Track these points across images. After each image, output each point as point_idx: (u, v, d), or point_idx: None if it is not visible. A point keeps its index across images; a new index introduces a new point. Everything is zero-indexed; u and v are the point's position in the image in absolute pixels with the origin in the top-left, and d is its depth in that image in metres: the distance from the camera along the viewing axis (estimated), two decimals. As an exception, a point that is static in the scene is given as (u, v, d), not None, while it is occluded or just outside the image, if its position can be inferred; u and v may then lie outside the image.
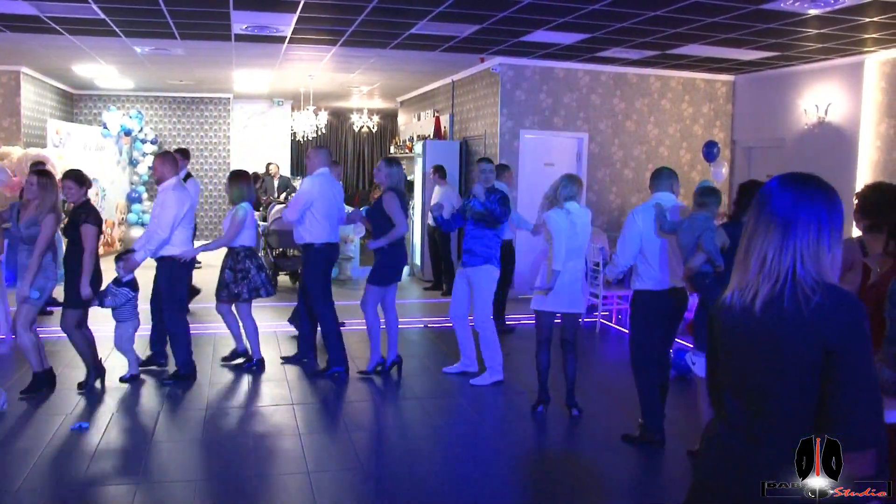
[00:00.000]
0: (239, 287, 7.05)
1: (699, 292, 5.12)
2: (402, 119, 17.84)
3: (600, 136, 11.70)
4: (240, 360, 7.40)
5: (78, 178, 6.27)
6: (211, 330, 8.51)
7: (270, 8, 8.15)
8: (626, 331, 8.42)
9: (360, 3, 7.81)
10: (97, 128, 15.31)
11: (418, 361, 7.57)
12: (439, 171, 11.27)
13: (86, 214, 6.17)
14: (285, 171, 16.96)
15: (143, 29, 9.35)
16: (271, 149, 17.90)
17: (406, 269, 13.03)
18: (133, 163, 15.94)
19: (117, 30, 9.29)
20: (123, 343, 6.67)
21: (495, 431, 5.89)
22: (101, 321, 7.33)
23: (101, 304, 6.45)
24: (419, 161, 12.83)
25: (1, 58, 11.99)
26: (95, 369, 6.48)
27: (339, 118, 21.49)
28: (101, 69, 13.01)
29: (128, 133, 15.49)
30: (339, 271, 11.91)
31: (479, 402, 6.44)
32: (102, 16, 8.45)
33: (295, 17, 8.47)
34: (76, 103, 16.48)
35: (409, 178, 14.12)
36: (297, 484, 4.73)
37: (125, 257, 6.57)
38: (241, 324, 7.31)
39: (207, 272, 11.10)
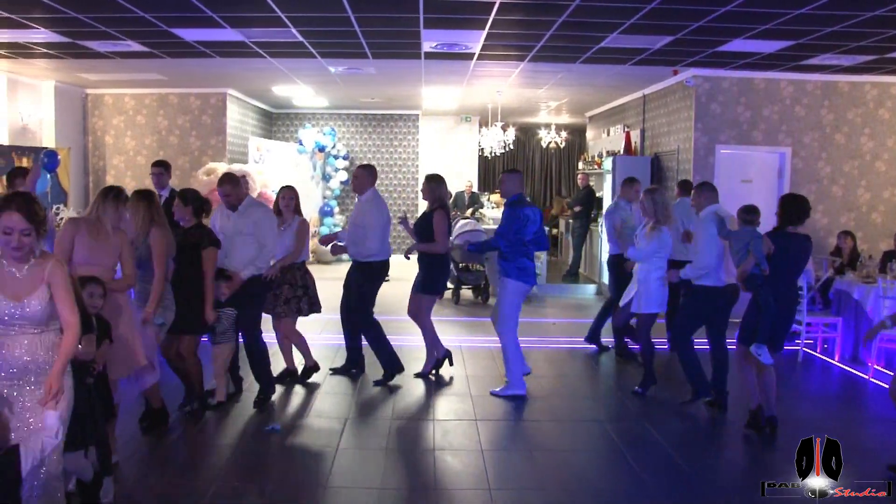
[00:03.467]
0: (302, 302, 6.97)
1: (751, 291, 5.89)
2: (590, 134, 17.52)
3: (805, 151, 10.88)
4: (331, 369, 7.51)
5: (184, 198, 6.05)
6: (397, 342, 8.61)
7: (460, 25, 8.17)
8: (829, 360, 7.76)
9: (549, 18, 7.67)
10: (293, 144, 16.13)
11: (602, 383, 7.29)
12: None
13: (207, 237, 5.93)
14: (468, 186, 17.07)
15: (337, 50, 9.67)
16: (459, 164, 18.12)
17: (593, 288, 12.72)
18: (326, 178, 16.62)
19: (314, 51, 9.67)
20: (223, 365, 6.40)
21: (689, 455, 5.51)
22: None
23: (213, 328, 6.17)
24: (608, 177, 12.49)
25: (211, 81, 12.87)
26: (199, 396, 6.15)
27: (527, 134, 21.44)
28: (297, 89, 13.66)
29: (321, 149, 16.18)
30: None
31: (665, 423, 6.07)
32: (301, 39, 8.81)
33: (484, 34, 8.45)
34: (275, 121, 17.43)
35: (598, 194, 13.85)
36: (478, 501, 4.68)
37: (231, 273, 6.19)
38: (293, 339, 7.18)
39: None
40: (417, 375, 7.40)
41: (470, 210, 14.47)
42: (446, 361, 7.54)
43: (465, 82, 12.48)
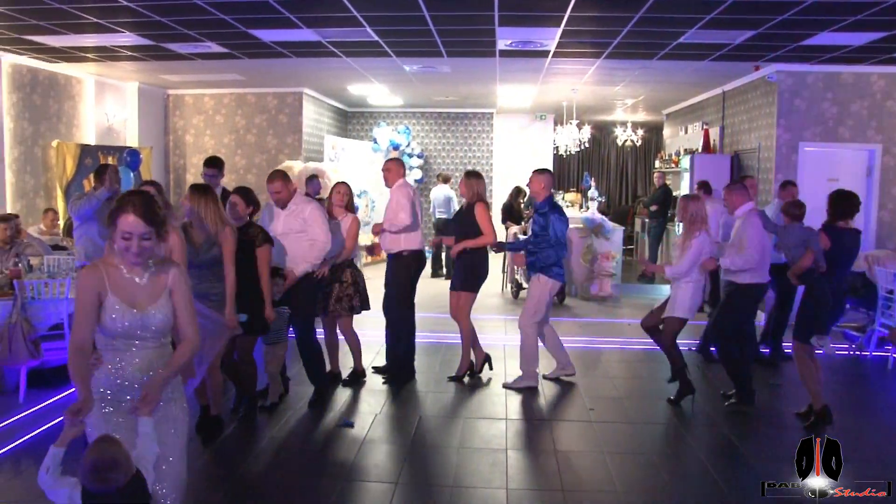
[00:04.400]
0: (354, 300, 6.90)
1: (806, 285, 6.01)
2: (667, 132, 17.19)
3: (896, 148, 10.45)
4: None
5: (247, 197, 5.91)
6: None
7: (535, 23, 8.09)
8: None
9: (626, 14, 7.53)
10: (368, 143, 16.28)
11: (657, 385, 7.13)
12: (704, 187, 10.64)
13: (262, 235, 5.76)
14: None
15: (412, 49, 9.70)
16: (533, 163, 17.95)
17: (668, 289, 12.47)
18: (401, 176, 16.68)
19: (389, 50, 9.71)
20: (278, 365, 6.38)
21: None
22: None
23: (267, 329, 5.93)
24: (685, 176, 12.24)
25: (287, 81, 13.06)
26: (252, 397, 6.08)
27: (602, 132, 21.17)
28: (372, 88, 13.76)
29: (396, 147, 16.27)
30: (600, 288, 11.63)
31: (746, 429, 5.90)
32: (376, 38, 8.85)
33: (559, 31, 8.35)
34: (350, 120, 17.60)
35: (675, 193, 13.57)
36: (551, 502, 4.66)
37: (287, 271, 6.15)
38: (345, 338, 7.14)
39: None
40: (451, 379, 7.30)
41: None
42: (486, 364, 7.48)
43: (539, 80, 12.37)
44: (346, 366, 7.27)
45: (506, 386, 7.06)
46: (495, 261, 11.84)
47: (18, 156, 10.33)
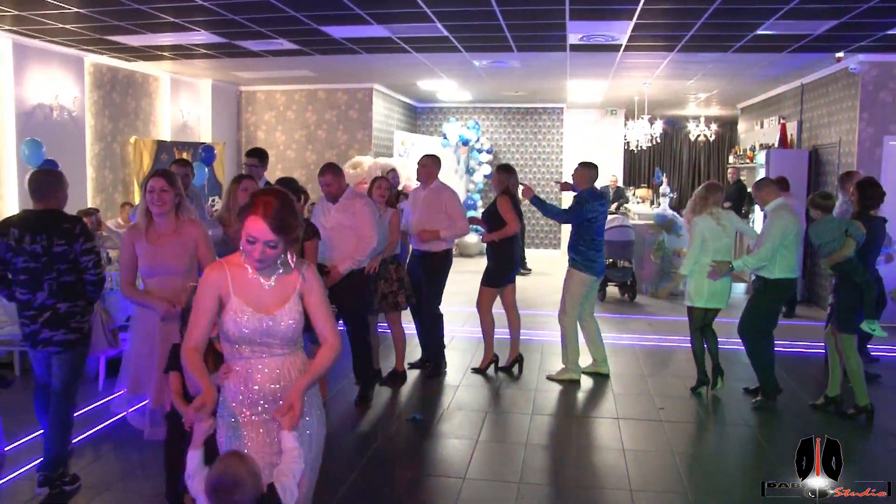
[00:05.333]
0: (399, 297, 6.83)
1: (843, 273, 6.02)
2: (742, 127, 16.77)
3: None
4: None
5: (288, 188, 5.75)
6: (539, 337, 8.56)
7: (606, 16, 7.97)
8: None
9: (700, 6, 7.34)
10: (437, 138, 16.30)
11: (729, 385, 6.94)
12: (780, 184, 10.32)
13: (309, 228, 5.57)
14: (613, 181, 16.71)
15: (482, 43, 9.66)
16: (604, 158, 17.74)
17: (742, 287, 12.18)
18: (469, 171, 16.69)
19: (458, 45, 9.69)
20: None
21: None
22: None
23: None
24: (761, 172, 11.91)
25: (357, 77, 13.15)
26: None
27: (674, 127, 20.78)
28: (442, 83, 13.75)
29: (465, 143, 16.25)
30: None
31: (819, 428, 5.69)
32: (446, 33, 8.84)
33: (631, 25, 8.21)
34: (419, 116, 17.65)
35: (749, 190, 13.23)
36: (619, 501, 4.60)
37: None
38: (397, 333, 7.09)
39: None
40: (475, 371, 7.36)
41: (615, 205, 14.16)
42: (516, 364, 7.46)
43: (610, 74, 12.20)
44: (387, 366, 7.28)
45: (549, 378, 7.15)
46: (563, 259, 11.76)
47: (98, 152, 10.64)
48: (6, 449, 4.97)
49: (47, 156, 8.63)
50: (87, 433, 5.60)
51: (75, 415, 4.83)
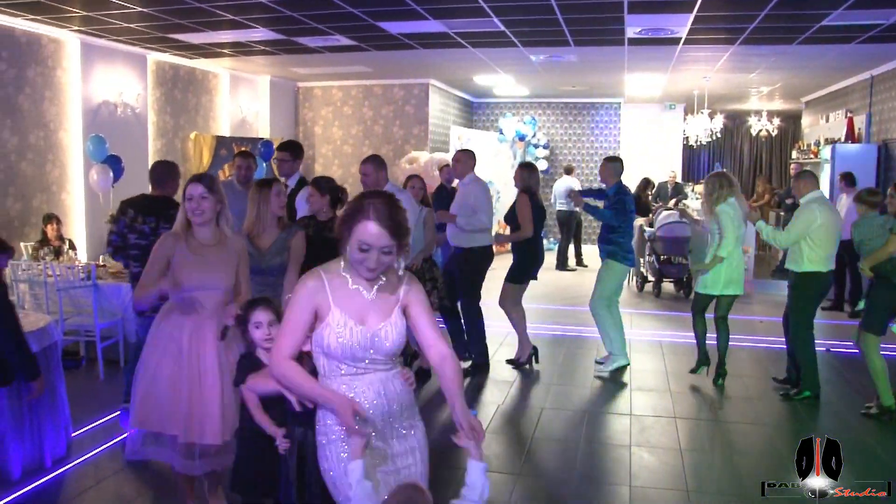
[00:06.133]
0: (432, 297, 6.66)
1: (883, 273, 5.81)
2: (806, 121, 16.38)
3: None
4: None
5: (322, 187, 5.28)
6: (595, 334, 8.47)
7: (666, 10, 7.84)
8: None
9: (764, -3, 7.18)
10: (494, 133, 16.25)
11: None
12: (846, 179, 10.05)
13: None
14: (671, 176, 16.46)
15: (539, 38, 9.59)
16: (662, 154, 17.50)
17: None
18: (526, 168, 16.57)
19: (515, 40, 9.63)
20: None
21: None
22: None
23: None
24: (825, 167, 11.61)
25: (414, 72, 13.18)
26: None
27: (735, 121, 20.38)
28: (498, 78, 13.70)
29: (522, 138, 16.17)
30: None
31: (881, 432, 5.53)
32: (502, 28, 8.79)
33: (691, 17, 8.05)
34: (475, 111, 17.61)
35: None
36: (675, 502, 4.53)
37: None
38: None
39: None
40: (509, 362, 7.37)
41: (673, 201, 13.93)
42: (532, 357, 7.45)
43: (669, 68, 12.00)
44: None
45: (597, 362, 7.25)
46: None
47: (160, 147, 10.86)
48: (73, 435, 5.13)
49: (111, 151, 8.83)
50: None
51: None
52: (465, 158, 7.23)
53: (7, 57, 8.38)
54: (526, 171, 7.28)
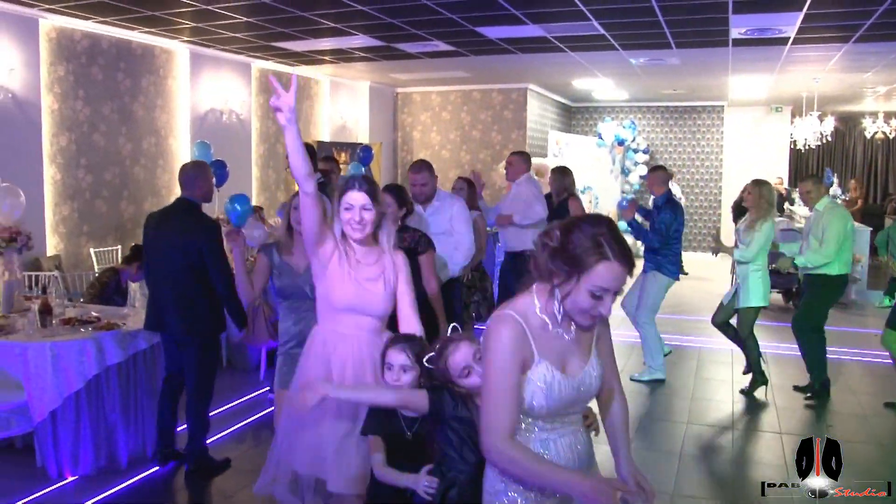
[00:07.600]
0: (480, 307, 6.54)
1: None
2: (925, 122, 15.55)
3: None
4: None
5: (400, 197, 4.53)
6: (696, 343, 8.26)
7: (773, 8, 7.56)
8: None
9: (880, -7, 6.85)
10: (592, 138, 16.04)
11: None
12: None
13: (423, 239, 4.58)
14: (778, 182, 15.89)
15: (639, 41, 9.43)
16: (767, 158, 16.92)
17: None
18: (625, 172, 16.33)
19: (615, 43, 9.49)
20: None
21: None
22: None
23: None
24: (946, 171, 10.98)
25: (512, 77, 13.15)
26: None
27: (847, 124, 19.52)
28: (597, 82, 13.52)
29: (621, 143, 15.92)
30: (844, 293, 10.75)
31: None
32: (602, 31, 8.67)
33: (801, 16, 7.75)
34: (573, 115, 17.43)
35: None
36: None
37: None
38: None
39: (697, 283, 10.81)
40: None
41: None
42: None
43: (776, 69, 11.59)
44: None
45: (633, 379, 7.04)
46: (724, 263, 11.32)
47: (263, 152, 11.16)
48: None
49: (216, 156, 9.13)
50: (248, 420, 5.90)
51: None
52: (518, 161, 7.19)
53: (124, 68, 8.80)
54: (559, 174, 7.28)
